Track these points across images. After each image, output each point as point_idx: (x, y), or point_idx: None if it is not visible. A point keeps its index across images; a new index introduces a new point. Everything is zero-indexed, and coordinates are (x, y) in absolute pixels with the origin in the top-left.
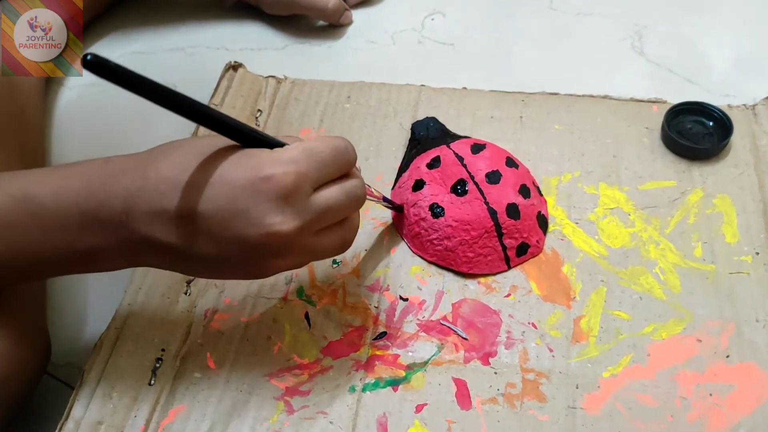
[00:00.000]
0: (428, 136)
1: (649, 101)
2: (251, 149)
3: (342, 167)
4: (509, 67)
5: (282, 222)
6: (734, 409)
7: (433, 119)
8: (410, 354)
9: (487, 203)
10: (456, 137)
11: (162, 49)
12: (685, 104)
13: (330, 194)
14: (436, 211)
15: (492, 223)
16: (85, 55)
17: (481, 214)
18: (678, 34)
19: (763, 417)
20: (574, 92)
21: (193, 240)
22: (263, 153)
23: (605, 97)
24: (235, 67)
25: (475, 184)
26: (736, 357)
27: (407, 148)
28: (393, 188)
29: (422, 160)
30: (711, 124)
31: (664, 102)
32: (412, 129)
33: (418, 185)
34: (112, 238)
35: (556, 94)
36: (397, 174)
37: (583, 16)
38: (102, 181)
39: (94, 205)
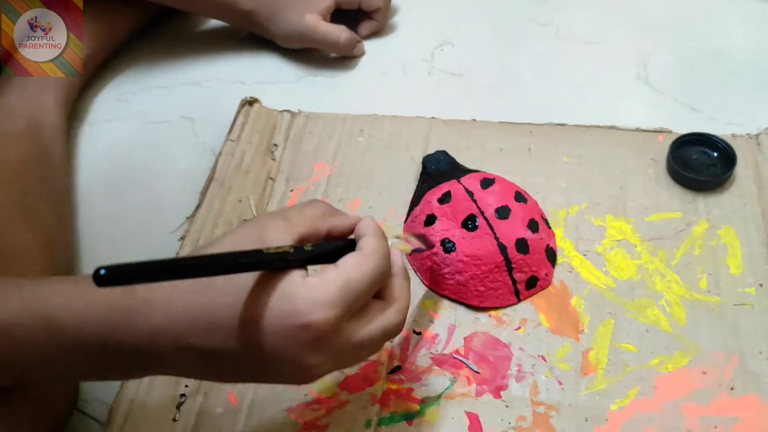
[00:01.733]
0: (439, 169)
1: (654, 131)
2: (285, 287)
3: (378, 287)
4: (517, 96)
5: (319, 364)
6: None
7: (444, 153)
8: (424, 387)
9: (497, 238)
10: (466, 171)
11: (180, 83)
12: (690, 135)
13: (366, 330)
14: (447, 246)
15: (502, 258)
16: (97, 271)
17: (492, 249)
18: (682, 62)
19: None
20: (580, 121)
21: (223, 373)
22: (298, 295)
23: (611, 127)
24: (250, 102)
25: (485, 219)
26: (740, 389)
27: (419, 181)
28: (405, 221)
29: (433, 195)
30: (715, 154)
31: (669, 131)
32: (423, 163)
33: (430, 220)
34: (137, 365)
35: (563, 125)
36: (410, 207)
37: (589, 45)
38: (125, 314)
39: (118, 339)
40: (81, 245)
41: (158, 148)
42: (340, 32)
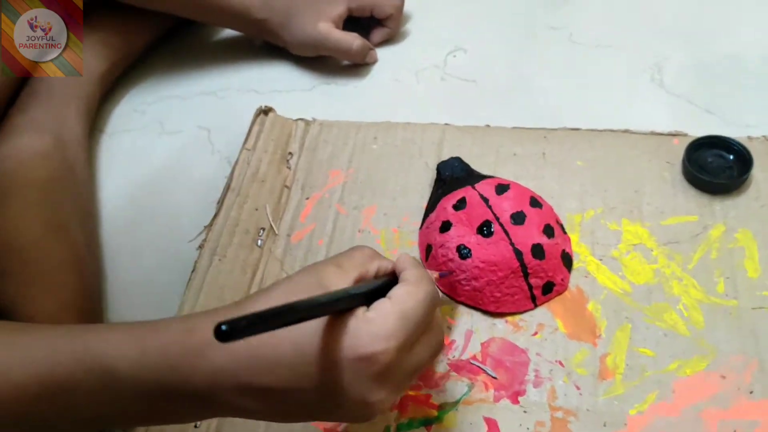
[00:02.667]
0: (453, 176)
1: (669, 134)
2: (347, 322)
3: (431, 316)
4: (531, 101)
5: (382, 399)
6: None
7: (458, 159)
8: (441, 393)
9: (512, 244)
10: (480, 177)
11: (195, 93)
12: (705, 138)
13: (419, 356)
14: (463, 252)
15: (518, 263)
16: (218, 327)
17: (507, 255)
18: (696, 65)
19: None
20: (594, 125)
21: (285, 410)
22: (360, 328)
23: (626, 131)
24: (265, 111)
25: (501, 225)
26: (759, 393)
27: (433, 188)
28: (421, 228)
29: (448, 201)
30: (731, 157)
31: (685, 135)
32: (437, 169)
33: (445, 227)
34: (195, 407)
35: (577, 129)
36: (425, 214)
37: (602, 49)
38: (184, 356)
39: (177, 382)
40: (101, 255)
41: (175, 157)
42: (352, 39)
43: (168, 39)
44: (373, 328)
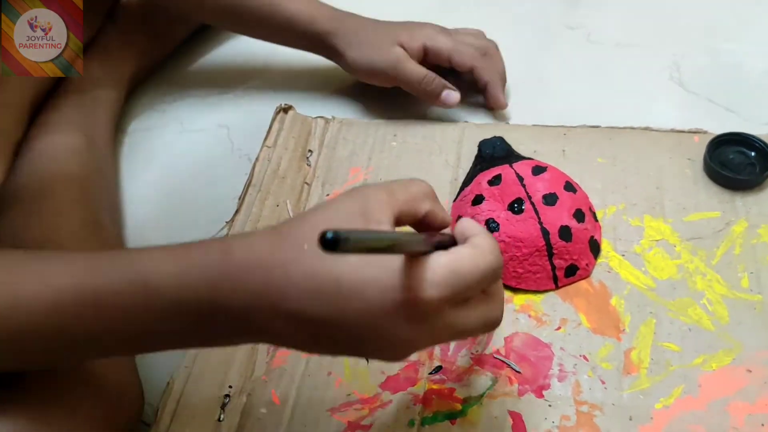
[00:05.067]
0: (494, 154)
1: (690, 132)
2: (393, 261)
3: (486, 286)
4: (549, 100)
5: (413, 340)
6: None
7: (500, 139)
8: (465, 387)
9: (540, 223)
10: (520, 158)
11: (214, 92)
12: (726, 135)
13: (468, 318)
14: (491, 225)
15: (543, 242)
16: (323, 234)
17: (534, 233)
18: (716, 63)
19: None
20: (614, 124)
21: (317, 342)
22: (404, 271)
23: (646, 128)
24: (285, 109)
25: (532, 204)
26: None
27: (473, 164)
28: (455, 200)
29: (484, 177)
30: (753, 154)
31: (705, 132)
32: (479, 146)
33: (478, 200)
34: (232, 328)
35: (597, 126)
36: (460, 188)
37: (621, 48)
38: (222, 278)
39: (215, 301)
40: None
41: (195, 155)
42: (427, 71)
43: (186, 39)
44: (420, 275)
